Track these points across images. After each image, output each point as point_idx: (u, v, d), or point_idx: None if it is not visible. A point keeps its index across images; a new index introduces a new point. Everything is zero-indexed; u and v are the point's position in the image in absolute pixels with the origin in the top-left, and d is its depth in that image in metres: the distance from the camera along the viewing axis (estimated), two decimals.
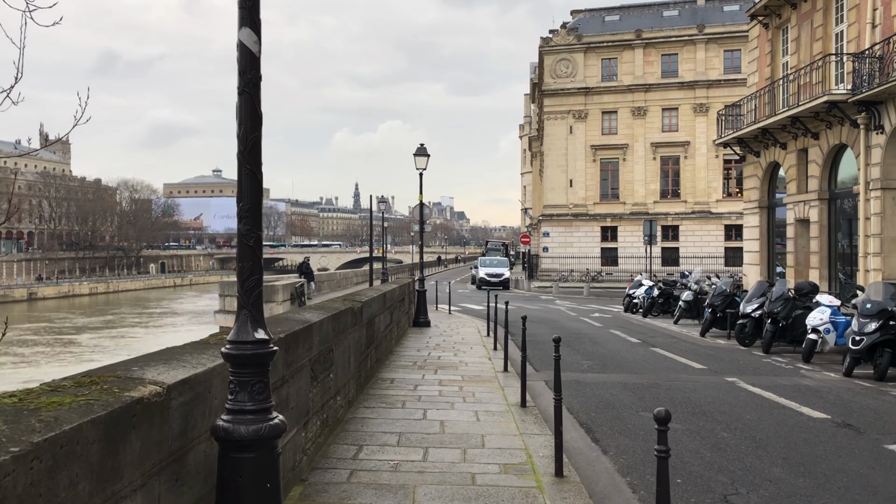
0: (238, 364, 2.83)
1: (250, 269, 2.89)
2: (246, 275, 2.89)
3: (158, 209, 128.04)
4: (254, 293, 2.86)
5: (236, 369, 2.82)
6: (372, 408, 7.87)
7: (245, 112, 2.82)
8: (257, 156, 2.84)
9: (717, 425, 7.80)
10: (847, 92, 17.61)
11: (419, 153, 18.40)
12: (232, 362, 2.84)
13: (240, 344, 2.82)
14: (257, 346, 2.84)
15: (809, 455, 6.61)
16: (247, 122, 2.82)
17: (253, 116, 2.82)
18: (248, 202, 2.85)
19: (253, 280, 2.87)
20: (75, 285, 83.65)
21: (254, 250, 2.90)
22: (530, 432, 6.95)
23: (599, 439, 7.16)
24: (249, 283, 2.87)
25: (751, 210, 24.64)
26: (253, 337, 2.83)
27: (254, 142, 2.83)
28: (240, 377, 2.81)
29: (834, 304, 13.37)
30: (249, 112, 2.82)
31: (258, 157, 2.85)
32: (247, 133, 2.82)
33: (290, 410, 4.92)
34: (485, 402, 8.36)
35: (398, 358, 12.06)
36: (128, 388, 2.60)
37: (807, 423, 7.94)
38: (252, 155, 2.83)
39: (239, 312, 2.88)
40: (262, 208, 2.87)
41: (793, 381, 10.82)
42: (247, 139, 2.83)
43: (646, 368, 12.09)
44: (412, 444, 6.35)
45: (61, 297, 77.30)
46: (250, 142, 2.83)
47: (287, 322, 5.38)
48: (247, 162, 2.85)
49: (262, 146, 2.81)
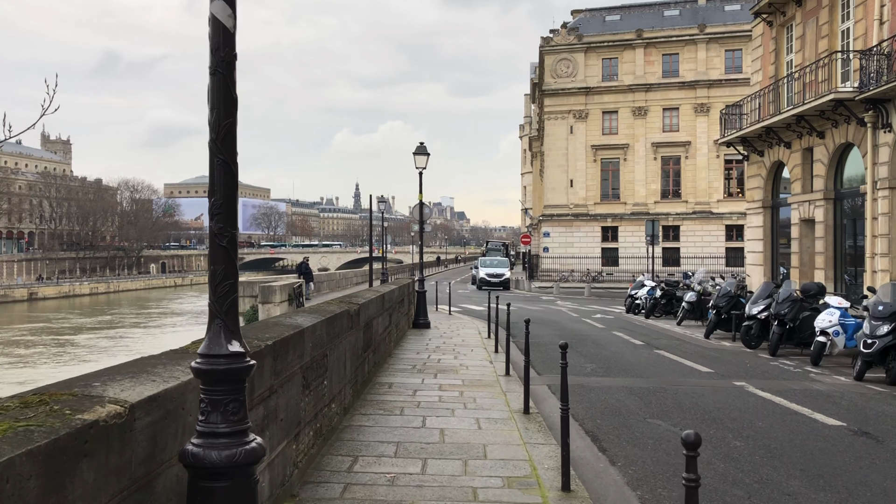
0: (210, 381, 2.50)
1: (223, 272, 2.53)
2: (219, 279, 2.53)
3: (159, 209, 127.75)
4: (228, 300, 2.51)
5: (208, 386, 2.49)
6: (369, 415, 7.55)
7: (218, 95, 2.48)
8: (232, 144, 2.51)
9: (729, 433, 7.47)
10: (854, 90, 17.30)
11: (419, 152, 18.09)
12: (203, 379, 2.51)
13: (212, 358, 2.49)
14: (232, 360, 2.49)
15: (828, 466, 6.29)
16: (219, 107, 2.48)
17: (227, 100, 2.49)
18: (220, 197, 2.50)
19: (227, 285, 2.52)
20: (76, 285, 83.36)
21: (227, 251, 2.53)
22: (534, 441, 6.63)
23: (606, 448, 6.84)
24: (223, 288, 2.51)
25: (754, 210, 24.31)
26: (227, 350, 2.49)
27: (227, 128, 2.50)
28: (212, 395, 2.48)
29: (843, 305, 13.04)
30: (223, 95, 2.48)
31: (233, 145, 2.51)
32: (219, 119, 2.49)
33: (278, 423, 4.61)
34: (486, 409, 8.04)
35: (397, 361, 11.74)
36: (82, 408, 2.28)
37: (822, 431, 7.62)
38: (226, 143, 2.49)
39: (211, 322, 2.54)
40: (237, 204, 2.53)
41: (803, 386, 10.50)
42: (219, 126, 2.50)
43: (651, 372, 11.77)
44: (410, 455, 6.03)
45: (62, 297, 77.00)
46: (223, 129, 2.50)
47: (277, 327, 5.06)
48: (220, 151, 2.49)
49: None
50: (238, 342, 2.52)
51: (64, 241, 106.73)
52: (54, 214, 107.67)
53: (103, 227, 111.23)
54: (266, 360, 4.26)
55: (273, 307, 20.98)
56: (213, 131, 2.49)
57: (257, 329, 4.84)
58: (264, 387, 4.24)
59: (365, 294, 10.81)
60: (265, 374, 4.25)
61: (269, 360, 4.34)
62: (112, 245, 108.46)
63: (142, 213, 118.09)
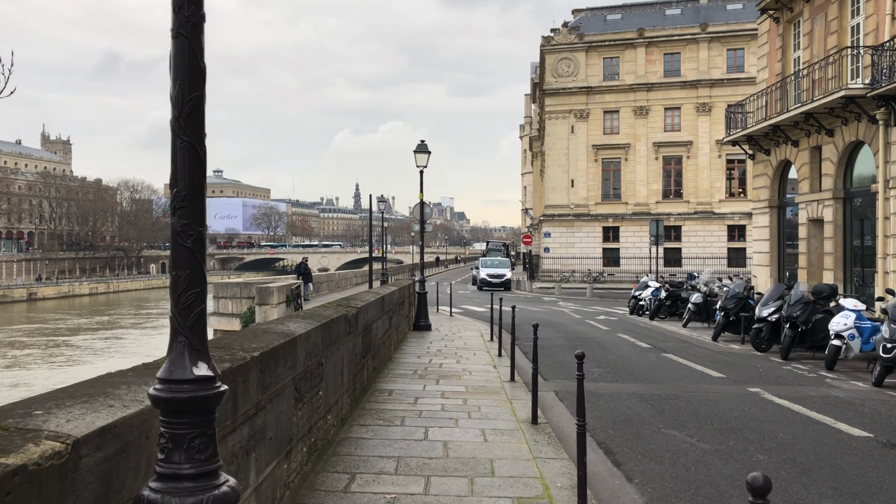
0: (171, 411, 2.04)
1: (188, 279, 2.03)
2: (182, 287, 2.03)
3: (159, 209, 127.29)
4: (193, 313, 2.04)
5: (169, 418, 2.04)
6: (368, 426, 7.11)
7: (181, 63, 2.03)
8: (198, 123, 2.04)
9: (750, 445, 7.04)
10: (865, 86, 16.86)
11: (419, 150, 17.66)
12: (163, 409, 2.05)
13: (173, 384, 2.01)
14: (197, 386, 2.02)
15: (862, 483, 5.85)
16: (184, 78, 2.04)
17: (193, 69, 2.04)
18: (185, 187, 2.02)
19: (192, 295, 2.03)
20: (75, 285, 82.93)
21: (193, 254, 2.04)
22: (545, 456, 6.19)
23: (621, 463, 6.40)
24: (187, 298, 2.03)
25: (760, 210, 23.86)
26: (191, 374, 2.02)
27: (193, 104, 2.05)
28: (173, 429, 2.03)
29: (858, 308, 12.61)
30: (188, 63, 2.04)
31: (200, 125, 2.05)
32: (183, 92, 2.04)
33: (267, 442, 4.17)
34: (492, 418, 7.60)
35: (397, 366, 11.30)
36: (9, 448, 1.85)
37: (848, 443, 7.18)
38: (191, 122, 2.04)
39: (173, 340, 2.05)
40: (204, 195, 2.06)
41: (820, 392, 10.06)
42: (183, 101, 2.05)
43: (661, 377, 11.33)
44: (412, 472, 5.59)
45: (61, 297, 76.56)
46: (189, 104, 2.05)
47: (266, 335, 4.62)
48: (183, 132, 2.02)
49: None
50: (206, 364, 2.07)
51: (63, 241, 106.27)
52: (54, 214, 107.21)
53: (103, 228, 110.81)
54: (252, 375, 3.82)
55: (270, 309, 20.53)
56: (175, 108, 2.04)
57: (244, 338, 4.41)
58: (250, 404, 3.80)
59: (364, 296, 10.37)
60: (251, 390, 3.82)
61: (256, 373, 3.91)
62: (112, 245, 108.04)
63: (142, 213, 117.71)
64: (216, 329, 22.13)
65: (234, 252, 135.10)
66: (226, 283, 25.16)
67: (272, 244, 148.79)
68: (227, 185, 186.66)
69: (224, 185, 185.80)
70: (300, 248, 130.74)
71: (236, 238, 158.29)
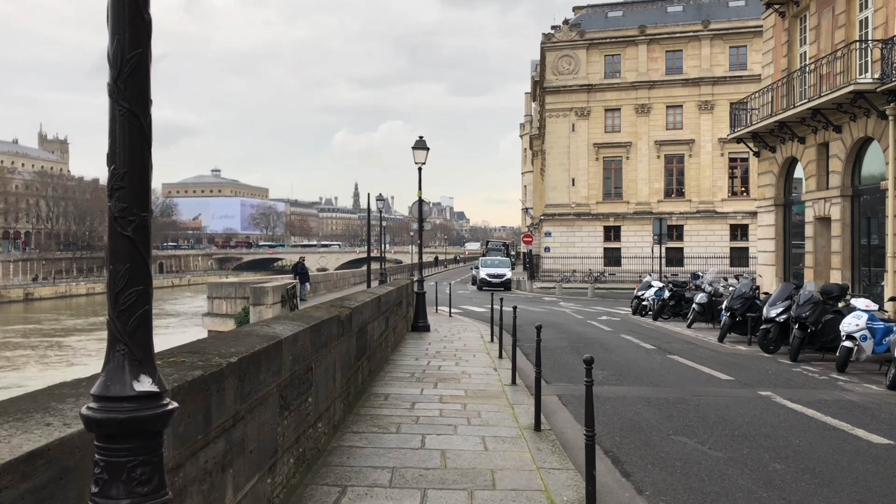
0: (106, 435, 1.67)
1: (128, 274, 1.65)
2: (121, 285, 1.65)
3: (157, 209, 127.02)
4: (135, 316, 1.66)
5: (105, 443, 1.67)
6: (361, 433, 6.74)
7: (121, 14, 1.64)
8: (142, 87, 1.65)
9: (765, 453, 6.67)
10: (874, 81, 16.50)
11: (418, 146, 17.29)
12: (97, 432, 1.68)
13: (109, 402, 1.64)
14: (139, 404, 1.65)
15: (889, 497, 5.48)
16: (123, 31, 1.65)
17: (135, 21, 1.66)
18: (124, 163, 1.65)
19: (133, 294, 1.65)
20: (72, 285, 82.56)
21: (134, 244, 1.66)
22: (549, 466, 5.82)
23: (631, 473, 6.03)
24: (127, 298, 1.65)
25: (765, 208, 23.50)
26: (132, 390, 1.65)
27: (136, 63, 1.67)
28: (110, 456, 1.65)
29: (871, 308, 12.24)
30: (129, 14, 1.65)
31: (143, 89, 1.65)
32: (123, 49, 1.65)
33: (247, 456, 3.80)
34: (493, 425, 7.23)
35: (394, 368, 10.93)
36: None
37: (868, 451, 6.81)
38: (133, 85, 1.65)
39: (110, 349, 1.68)
40: (150, 174, 1.70)
41: (834, 396, 9.69)
42: (123, 59, 1.66)
43: (667, 380, 10.96)
44: (408, 485, 5.22)
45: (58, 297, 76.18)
46: (130, 63, 1.67)
47: (248, 339, 4.26)
48: (123, 97, 1.64)
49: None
50: (149, 377, 1.70)
51: (60, 240, 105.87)
52: (51, 214, 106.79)
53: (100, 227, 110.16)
54: (229, 382, 3.46)
55: (265, 309, 20.15)
56: (113, 67, 1.66)
57: (222, 342, 4.04)
58: (226, 415, 3.43)
59: (359, 297, 10.00)
60: (228, 400, 3.45)
61: (234, 381, 3.54)
62: None
63: None
64: (210, 330, 21.77)
65: (232, 252, 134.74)
66: (220, 283, 24.77)
67: (270, 244, 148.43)
68: (225, 185, 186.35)
69: (222, 185, 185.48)
70: (299, 248, 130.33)
71: (234, 238, 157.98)
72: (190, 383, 2.90)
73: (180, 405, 2.79)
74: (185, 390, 2.84)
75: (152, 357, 1.72)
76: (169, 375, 2.91)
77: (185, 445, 2.86)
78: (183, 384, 2.83)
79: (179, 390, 2.79)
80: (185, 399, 2.84)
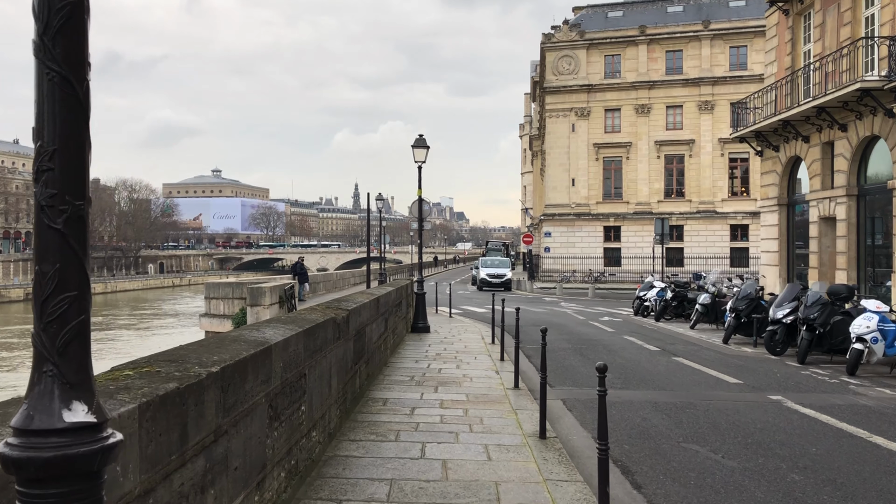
0: (28, 479, 1.33)
1: (57, 276, 1.34)
2: (49, 289, 1.34)
3: (157, 209, 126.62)
4: (67, 329, 1.35)
5: (27, 488, 1.32)
6: (358, 441, 6.43)
7: None
8: (77, 46, 1.34)
9: (782, 462, 6.36)
10: (881, 78, 16.20)
11: (418, 145, 16.98)
12: (17, 475, 1.33)
13: (32, 436, 1.32)
14: (70, 438, 1.33)
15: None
16: None
17: None
18: (53, 139, 1.33)
19: (64, 301, 1.34)
20: None
21: (66, 239, 1.34)
22: (556, 478, 5.50)
23: (642, 485, 5.72)
24: (56, 306, 1.34)
25: (769, 208, 23.19)
26: (61, 421, 1.33)
27: (68, 14, 1.35)
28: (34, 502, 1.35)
29: (882, 310, 11.94)
30: None
31: (79, 48, 1.34)
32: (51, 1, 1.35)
33: (231, 473, 3.49)
34: (496, 432, 6.92)
35: (393, 371, 10.62)
36: None
37: (890, 461, 6.50)
38: (64, 43, 1.32)
39: (35, 371, 1.36)
40: (87, 154, 1.38)
41: (847, 400, 9.38)
42: (51, 9, 1.37)
43: (673, 383, 10.65)
44: (406, 499, 4.90)
45: None
46: (61, 14, 1.33)
47: (234, 345, 3.94)
48: (51, 58, 1.33)
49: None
50: (85, 405, 1.36)
51: None
52: None
53: (101, 227, 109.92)
54: (209, 394, 3.14)
55: (262, 310, 19.83)
56: (39, 20, 1.33)
57: (205, 349, 3.72)
58: (206, 430, 3.12)
59: (357, 298, 9.69)
60: (207, 414, 3.14)
61: (215, 392, 3.23)
62: (110, 245, 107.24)
63: (140, 212, 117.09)
64: (207, 331, 21.43)
65: (232, 252, 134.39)
66: (217, 284, 24.44)
67: (271, 244, 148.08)
68: (225, 185, 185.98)
69: (223, 185, 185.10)
70: (299, 248, 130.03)
71: (235, 238, 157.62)
72: (161, 398, 2.58)
73: (150, 423, 2.47)
74: (155, 406, 2.53)
75: (90, 379, 1.40)
76: (139, 389, 2.59)
77: (155, 468, 2.55)
78: (153, 400, 2.52)
79: (149, 406, 2.48)
80: (155, 416, 2.53)
